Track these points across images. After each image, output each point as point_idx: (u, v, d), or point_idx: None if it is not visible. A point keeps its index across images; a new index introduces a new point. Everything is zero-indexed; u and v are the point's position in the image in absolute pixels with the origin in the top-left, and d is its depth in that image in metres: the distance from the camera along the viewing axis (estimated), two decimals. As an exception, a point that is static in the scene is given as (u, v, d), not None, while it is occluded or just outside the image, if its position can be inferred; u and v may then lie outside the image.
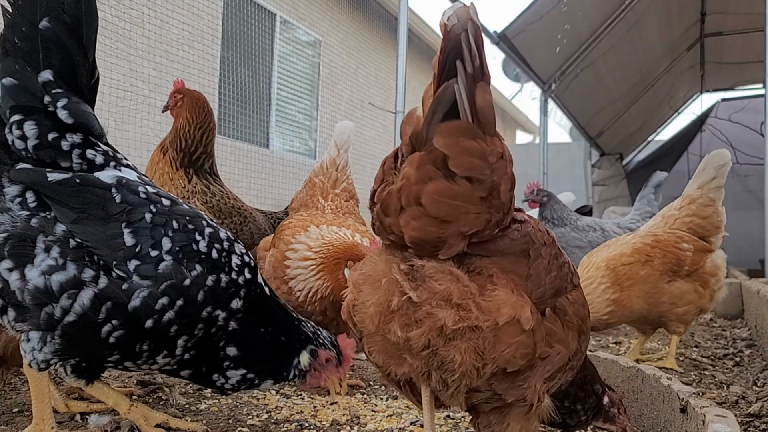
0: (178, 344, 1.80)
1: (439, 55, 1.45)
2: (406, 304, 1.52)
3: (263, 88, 9.79)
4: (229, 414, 2.28)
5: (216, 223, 1.97)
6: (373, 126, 11.88)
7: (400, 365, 1.60)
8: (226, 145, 8.46)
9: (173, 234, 1.78)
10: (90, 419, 2.06)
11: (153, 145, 7.23)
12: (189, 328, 1.78)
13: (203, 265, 1.79)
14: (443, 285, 1.51)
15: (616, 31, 9.26)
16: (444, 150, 1.44)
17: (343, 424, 2.17)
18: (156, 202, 1.83)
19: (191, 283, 1.75)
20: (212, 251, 1.83)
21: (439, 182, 1.45)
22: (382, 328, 1.56)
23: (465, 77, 1.42)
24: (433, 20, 16.45)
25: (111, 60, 6.71)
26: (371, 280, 1.60)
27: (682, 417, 1.83)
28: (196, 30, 8.08)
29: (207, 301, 1.78)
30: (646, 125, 13.58)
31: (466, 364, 1.52)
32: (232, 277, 1.84)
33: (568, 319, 1.66)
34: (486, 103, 1.45)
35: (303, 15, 10.59)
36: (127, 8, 6.93)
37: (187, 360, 1.86)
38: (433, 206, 1.46)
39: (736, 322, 4.91)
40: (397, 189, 1.50)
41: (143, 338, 1.75)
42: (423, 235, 1.50)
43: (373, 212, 1.61)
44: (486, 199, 1.49)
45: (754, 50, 9.42)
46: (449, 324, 1.49)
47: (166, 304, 1.71)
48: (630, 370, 2.28)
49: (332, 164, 3.43)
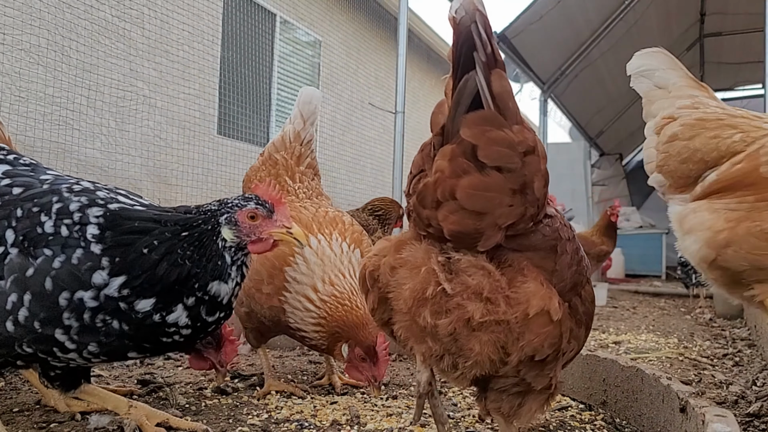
0: (59, 338, 1.61)
1: (452, 48, 1.49)
2: (440, 294, 1.60)
3: (263, 88, 9.79)
4: (229, 414, 2.28)
5: (80, 191, 1.72)
6: (373, 126, 11.87)
7: (420, 344, 1.69)
8: (226, 145, 8.45)
9: (16, 223, 1.64)
10: (91, 419, 2.06)
11: (153, 145, 7.27)
12: (55, 322, 1.59)
13: (52, 247, 1.61)
14: (476, 280, 1.58)
15: (616, 31, 9.26)
16: (472, 140, 1.48)
17: (343, 424, 2.17)
18: (3, 194, 1.69)
19: (35, 271, 1.58)
20: (61, 228, 1.63)
21: (472, 176, 1.50)
22: (413, 311, 1.64)
23: (481, 66, 1.44)
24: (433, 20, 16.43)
25: (111, 60, 6.71)
26: (409, 266, 1.67)
27: (681, 416, 1.83)
28: (196, 30, 8.07)
29: (60, 286, 1.58)
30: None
31: (483, 354, 1.60)
32: (90, 250, 1.62)
33: (581, 314, 1.74)
34: (503, 89, 1.47)
35: (303, 15, 10.58)
36: (127, 8, 6.93)
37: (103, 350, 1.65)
38: (469, 200, 1.52)
39: (736, 322, 4.91)
40: (432, 182, 1.56)
41: (17, 340, 1.61)
42: (461, 228, 1.56)
43: (410, 202, 1.68)
44: (519, 192, 1.53)
45: (753, 50, 9.42)
46: (476, 317, 1.57)
47: (16, 301, 1.57)
48: (630, 369, 2.28)
49: (296, 138, 3.01)
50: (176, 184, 7.51)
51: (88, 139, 6.50)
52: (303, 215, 2.60)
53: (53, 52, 6.03)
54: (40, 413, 2.18)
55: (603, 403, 2.42)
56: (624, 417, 2.29)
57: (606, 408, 2.40)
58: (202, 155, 7.86)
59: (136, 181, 7.14)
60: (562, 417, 2.32)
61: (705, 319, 5.19)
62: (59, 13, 6.11)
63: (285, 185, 2.87)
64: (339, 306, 2.40)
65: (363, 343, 2.35)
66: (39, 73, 5.88)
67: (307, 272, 2.45)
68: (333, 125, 10.94)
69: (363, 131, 11.68)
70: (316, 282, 2.43)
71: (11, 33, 5.74)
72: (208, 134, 8.36)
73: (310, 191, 2.90)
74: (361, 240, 2.66)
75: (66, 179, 1.81)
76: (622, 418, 2.29)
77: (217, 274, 1.71)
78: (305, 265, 2.45)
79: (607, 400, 2.40)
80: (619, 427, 2.23)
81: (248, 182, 3.04)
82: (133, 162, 7.04)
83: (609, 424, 2.25)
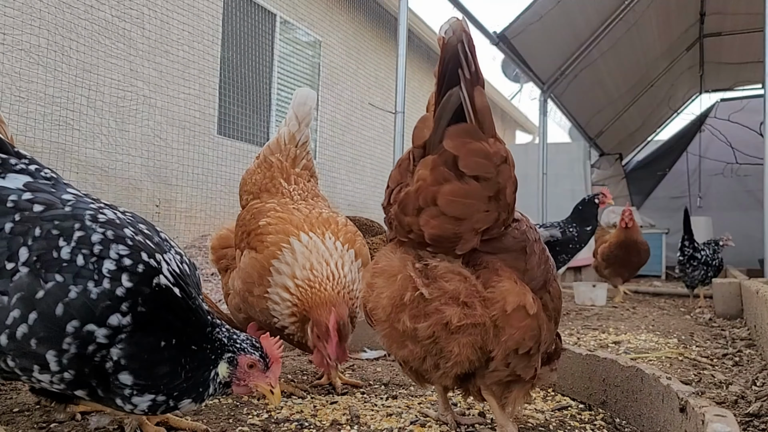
0: (49, 359, 1.58)
1: (439, 65, 1.61)
2: (418, 299, 1.71)
3: (263, 88, 9.79)
4: (229, 413, 2.28)
5: (106, 223, 1.70)
6: (373, 126, 11.88)
7: (401, 349, 1.80)
8: (226, 145, 8.46)
9: (33, 242, 1.62)
10: (91, 419, 2.06)
11: (153, 145, 7.27)
12: (53, 343, 1.57)
13: (64, 274, 1.58)
14: (452, 285, 1.69)
15: (616, 31, 9.26)
16: (453, 151, 1.60)
17: (343, 424, 2.17)
18: (24, 210, 1.67)
19: (46, 293, 1.56)
20: (77, 257, 1.61)
21: (452, 184, 1.62)
22: (392, 318, 1.75)
23: (465, 83, 1.58)
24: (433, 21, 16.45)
25: (111, 60, 6.72)
26: (386, 275, 1.78)
27: (681, 416, 1.83)
28: (196, 30, 8.08)
29: (70, 315, 1.56)
30: (646, 125, 13.58)
31: (462, 355, 1.71)
32: (105, 287, 1.59)
33: (551, 310, 1.89)
34: (483, 105, 1.62)
35: (303, 15, 10.58)
36: (127, 8, 6.93)
37: (71, 380, 1.64)
38: (449, 206, 1.63)
39: (736, 322, 4.91)
40: (414, 190, 1.67)
41: (4, 354, 1.59)
42: (441, 233, 1.67)
43: (391, 212, 1.80)
44: (493, 198, 1.67)
45: (753, 50, 9.43)
46: (454, 321, 1.67)
47: (18, 317, 1.55)
48: (629, 369, 2.28)
49: (291, 140, 2.98)
50: (176, 184, 7.51)
51: (88, 139, 6.51)
52: (294, 216, 2.57)
53: (53, 52, 6.04)
54: (40, 413, 2.18)
55: (603, 403, 2.42)
56: (624, 417, 2.29)
57: (606, 408, 2.40)
58: (202, 155, 7.87)
59: (136, 181, 7.14)
60: (562, 417, 2.32)
61: (705, 319, 5.19)
62: (59, 13, 6.11)
63: (280, 187, 2.85)
64: (309, 289, 2.35)
65: (318, 321, 2.28)
66: (39, 73, 5.89)
67: (290, 262, 2.40)
68: (333, 125, 10.94)
69: (363, 131, 11.69)
70: (295, 270, 2.38)
71: (11, 33, 5.74)
72: (208, 134, 8.36)
73: (305, 193, 2.87)
74: (354, 240, 2.61)
75: (87, 203, 1.78)
76: (621, 418, 2.30)
77: (195, 396, 1.75)
78: (291, 255, 2.41)
79: (606, 400, 2.40)
80: (618, 427, 2.23)
81: (244, 185, 3.01)
82: (133, 162, 7.04)
83: (609, 424, 2.25)
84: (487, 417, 2.24)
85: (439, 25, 1.59)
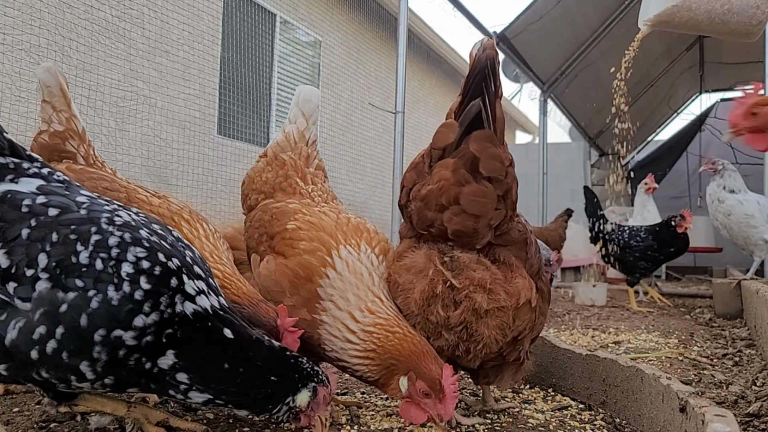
0: (83, 369, 1.60)
1: (467, 78, 1.84)
2: (449, 290, 1.90)
3: (263, 88, 9.79)
4: (229, 413, 2.28)
5: (123, 225, 1.69)
6: (373, 126, 11.88)
7: (437, 339, 1.97)
8: (226, 145, 8.46)
9: (51, 248, 1.60)
10: (91, 419, 2.06)
11: (153, 145, 7.27)
12: (84, 353, 1.57)
13: (84, 279, 1.58)
14: (479, 274, 1.90)
15: (616, 31, 9.26)
16: (477, 153, 1.82)
17: (343, 424, 2.17)
18: (39, 214, 1.65)
19: (69, 306, 1.55)
20: (96, 261, 1.60)
21: (472, 185, 1.85)
22: (425, 310, 1.93)
23: (488, 95, 1.82)
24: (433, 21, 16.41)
25: (111, 60, 6.72)
26: (414, 271, 1.96)
27: (681, 416, 1.83)
28: (196, 30, 8.08)
29: (96, 324, 1.56)
30: (646, 125, 13.58)
31: (491, 337, 1.92)
32: (125, 291, 1.59)
33: (546, 292, 2.13)
34: (501, 116, 1.87)
35: (303, 15, 10.58)
36: (127, 8, 6.93)
37: (113, 384, 1.67)
38: (470, 205, 1.86)
39: (736, 322, 4.91)
40: (437, 189, 1.87)
41: (37, 366, 1.59)
42: (463, 228, 1.90)
43: (411, 207, 1.99)
44: (503, 197, 1.90)
45: (753, 50, 9.42)
46: (484, 305, 1.88)
47: (45, 333, 1.54)
48: (629, 369, 2.28)
49: (301, 138, 2.81)
50: (176, 184, 7.51)
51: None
52: (325, 222, 2.29)
53: (53, 52, 6.04)
54: (40, 413, 2.18)
55: (603, 403, 2.42)
56: (624, 417, 2.29)
57: (606, 408, 2.40)
58: (202, 155, 7.86)
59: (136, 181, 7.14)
60: (562, 417, 2.32)
61: (705, 319, 5.19)
62: (59, 13, 6.11)
63: (297, 187, 2.63)
64: (389, 334, 2.02)
65: (427, 376, 1.93)
66: (39, 73, 5.88)
67: (341, 287, 2.13)
68: (333, 125, 10.93)
69: (363, 131, 11.69)
70: (353, 310, 2.09)
71: (11, 33, 5.74)
72: (208, 134, 8.36)
73: (324, 194, 2.66)
74: (387, 249, 2.32)
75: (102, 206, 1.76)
76: (621, 418, 2.30)
77: (258, 410, 1.81)
78: (340, 280, 2.14)
79: (606, 400, 2.40)
80: (618, 427, 2.23)
81: (251, 183, 2.80)
82: (133, 162, 7.04)
83: (609, 424, 2.25)
84: (487, 417, 2.25)
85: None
